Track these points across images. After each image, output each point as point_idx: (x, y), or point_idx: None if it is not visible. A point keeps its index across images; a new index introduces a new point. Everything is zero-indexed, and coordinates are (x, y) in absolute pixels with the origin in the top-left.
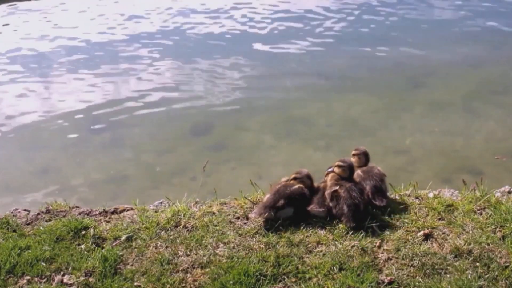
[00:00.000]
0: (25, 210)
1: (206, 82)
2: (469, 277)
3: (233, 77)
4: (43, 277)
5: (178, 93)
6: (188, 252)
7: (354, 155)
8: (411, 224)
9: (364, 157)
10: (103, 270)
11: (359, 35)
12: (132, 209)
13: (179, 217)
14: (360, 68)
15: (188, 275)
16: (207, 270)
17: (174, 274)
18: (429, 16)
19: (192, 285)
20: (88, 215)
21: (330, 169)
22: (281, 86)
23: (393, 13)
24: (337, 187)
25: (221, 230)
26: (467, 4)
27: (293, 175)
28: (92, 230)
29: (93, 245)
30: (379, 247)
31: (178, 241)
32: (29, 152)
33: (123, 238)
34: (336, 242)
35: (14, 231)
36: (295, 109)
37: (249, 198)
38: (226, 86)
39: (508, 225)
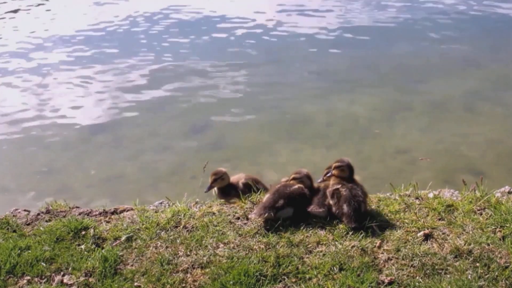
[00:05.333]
0: (25, 210)
1: (206, 82)
2: (469, 277)
3: (233, 77)
4: (43, 277)
5: (178, 93)
6: (188, 253)
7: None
8: (411, 224)
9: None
10: (103, 270)
11: (359, 35)
12: (132, 209)
13: (179, 217)
14: (360, 68)
15: (188, 275)
16: (207, 270)
17: (174, 274)
18: (429, 15)
19: (192, 285)
20: (88, 215)
21: (330, 174)
22: (282, 85)
23: (393, 13)
24: (339, 186)
25: (221, 230)
26: (467, 3)
27: (293, 175)
28: (92, 230)
29: (93, 245)
30: (379, 247)
31: (178, 241)
32: (29, 152)
33: (123, 238)
34: (336, 243)
35: (14, 231)
36: (295, 108)
37: (249, 199)
38: (226, 86)
39: (508, 225)
